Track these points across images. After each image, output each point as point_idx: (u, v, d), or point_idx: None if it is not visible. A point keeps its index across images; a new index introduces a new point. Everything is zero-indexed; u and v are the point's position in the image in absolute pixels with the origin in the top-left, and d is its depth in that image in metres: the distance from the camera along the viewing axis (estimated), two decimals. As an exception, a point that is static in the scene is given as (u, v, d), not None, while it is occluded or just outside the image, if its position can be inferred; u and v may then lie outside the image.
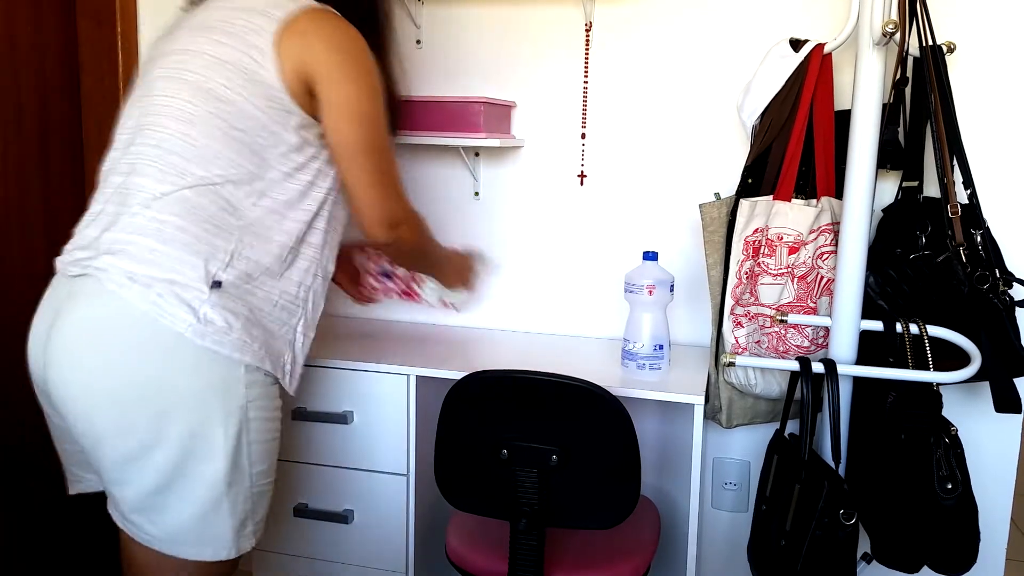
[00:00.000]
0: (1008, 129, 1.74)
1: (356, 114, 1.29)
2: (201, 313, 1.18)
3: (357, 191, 1.33)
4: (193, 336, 1.17)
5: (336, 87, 1.27)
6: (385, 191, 1.35)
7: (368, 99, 1.30)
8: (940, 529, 1.51)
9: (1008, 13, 1.70)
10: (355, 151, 1.30)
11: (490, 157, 2.05)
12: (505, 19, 1.99)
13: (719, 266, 1.75)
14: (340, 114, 1.28)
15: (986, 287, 1.50)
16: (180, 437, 1.18)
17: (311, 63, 1.26)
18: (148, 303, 1.16)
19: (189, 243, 1.20)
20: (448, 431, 1.49)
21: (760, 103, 1.70)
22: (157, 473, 1.18)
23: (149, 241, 1.19)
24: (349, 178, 1.33)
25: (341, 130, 1.29)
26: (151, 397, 1.16)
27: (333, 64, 1.26)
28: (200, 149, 1.22)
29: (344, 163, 1.32)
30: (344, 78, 1.27)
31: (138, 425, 1.17)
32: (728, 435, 1.99)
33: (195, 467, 1.20)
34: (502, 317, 2.10)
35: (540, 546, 1.47)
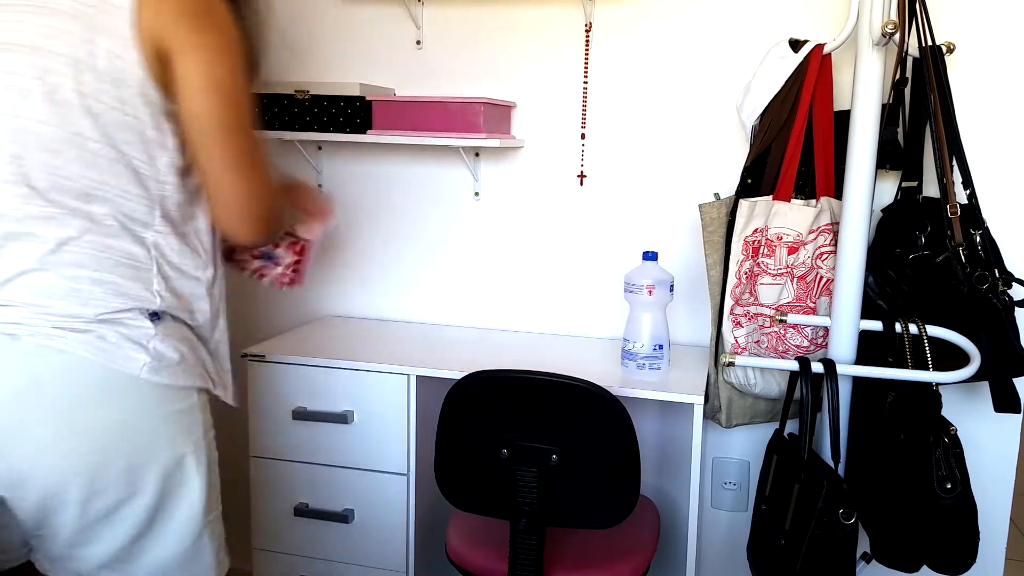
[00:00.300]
0: (1008, 129, 1.74)
1: (214, 86, 1.09)
2: (151, 348, 1.09)
3: (215, 176, 1.12)
4: (149, 375, 1.08)
5: (192, 57, 1.07)
6: (249, 176, 1.14)
7: (229, 69, 1.10)
8: (939, 529, 1.51)
9: (1008, 13, 1.71)
10: (212, 129, 1.10)
11: (490, 157, 2.05)
12: (505, 19, 1.99)
13: (719, 266, 1.75)
14: (196, 87, 1.08)
15: (985, 287, 1.51)
16: (156, 481, 1.11)
17: (164, 34, 1.06)
18: (93, 349, 1.05)
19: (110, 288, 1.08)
20: (448, 431, 1.49)
21: (760, 103, 1.70)
22: (134, 523, 1.11)
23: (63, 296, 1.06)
24: (204, 161, 1.12)
25: (196, 103, 1.09)
26: (120, 452, 1.07)
27: (186, 30, 1.06)
28: (76, 182, 1.06)
29: (197, 143, 1.11)
30: (201, 46, 1.07)
31: (110, 486, 1.07)
32: (728, 435, 2.00)
33: (175, 505, 1.13)
34: (502, 317, 2.10)
35: (540, 546, 1.48)
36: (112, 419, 1.07)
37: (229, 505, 2.33)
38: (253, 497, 1.84)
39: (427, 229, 2.11)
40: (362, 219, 2.15)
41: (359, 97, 1.87)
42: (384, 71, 2.08)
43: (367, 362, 1.74)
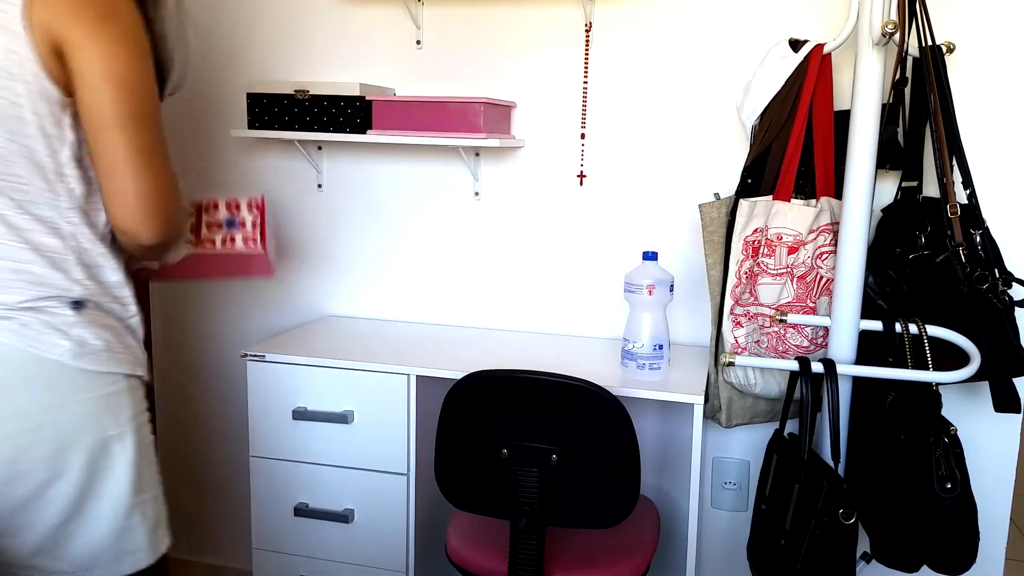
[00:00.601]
0: (1008, 129, 1.74)
1: (112, 78, 1.07)
2: (74, 335, 1.11)
3: (114, 171, 1.09)
4: (72, 361, 1.10)
5: (87, 50, 1.06)
6: (152, 170, 1.11)
7: (126, 61, 1.08)
8: (939, 529, 1.51)
9: (1008, 13, 1.71)
10: (110, 121, 1.08)
11: (490, 157, 2.05)
12: (505, 19, 1.99)
13: (719, 266, 1.76)
14: (93, 79, 1.07)
15: (985, 287, 1.51)
16: (81, 465, 1.12)
17: (59, 28, 1.06)
18: (16, 335, 1.07)
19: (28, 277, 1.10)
20: (448, 431, 1.49)
21: (760, 103, 1.70)
22: (60, 507, 1.11)
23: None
24: (101, 157, 1.10)
25: (96, 99, 1.08)
26: (43, 436, 1.08)
27: (82, 22, 1.06)
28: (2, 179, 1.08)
29: (94, 136, 1.09)
30: (97, 38, 1.07)
31: (33, 469, 1.08)
32: (728, 435, 2.00)
33: (100, 487, 1.14)
34: (502, 317, 2.10)
35: (540, 546, 1.48)
36: (35, 403, 1.08)
37: (229, 505, 2.34)
38: (253, 497, 1.84)
39: (427, 229, 2.12)
40: (362, 219, 2.15)
41: (359, 97, 1.87)
42: (384, 71, 2.08)
43: (367, 362, 1.74)
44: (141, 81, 1.11)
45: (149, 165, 1.11)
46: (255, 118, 1.94)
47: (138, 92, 1.10)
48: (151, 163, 1.11)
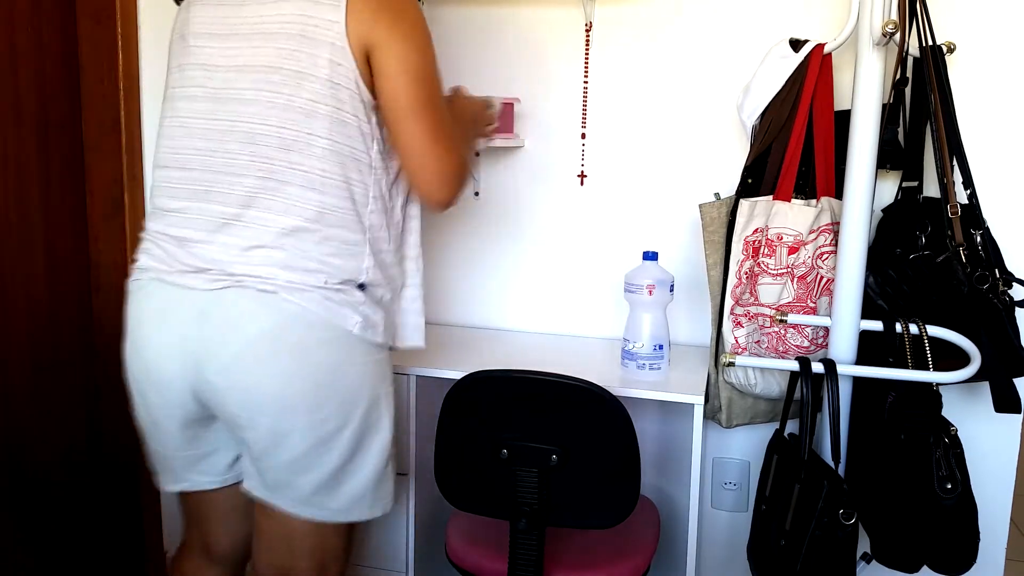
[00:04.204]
0: (1008, 129, 1.74)
1: (408, 71, 1.25)
2: (362, 312, 1.30)
3: (417, 150, 1.28)
4: (361, 332, 1.29)
5: (387, 48, 1.24)
6: (447, 146, 1.29)
7: (419, 54, 1.26)
8: (940, 529, 1.51)
9: (1008, 13, 1.71)
10: (408, 109, 1.26)
11: (490, 157, 2.05)
12: (505, 19, 1.99)
13: (719, 266, 1.75)
14: (397, 76, 1.25)
15: (986, 287, 1.51)
16: (362, 416, 1.31)
17: (366, 35, 1.23)
18: (322, 307, 1.25)
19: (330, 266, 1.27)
20: (448, 431, 1.49)
21: (760, 103, 1.70)
22: (343, 451, 1.30)
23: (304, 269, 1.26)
24: (402, 141, 1.28)
25: (397, 91, 1.25)
26: (338, 388, 1.28)
27: (386, 27, 1.23)
28: (311, 175, 1.24)
29: (396, 124, 1.27)
30: (398, 39, 1.24)
31: (330, 415, 1.27)
32: (728, 435, 1.99)
33: (371, 439, 1.33)
34: (502, 317, 2.10)
35: (540, 546, 1.47)
36: (333, 359, 1.27)
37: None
38: (253, 497, 1.83)
39: (427, 228, 2.11)
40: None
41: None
42: (384, 71, 2.08)
43: (367, 362, 1.73)
44: (430, 70, 1.28)
45: (442, 143, 1.28)
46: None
47: (428, 80, 1.27)
48: (443, 141, 1.29)
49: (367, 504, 1.35)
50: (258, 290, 1.24)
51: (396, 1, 1.26)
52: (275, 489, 1.31)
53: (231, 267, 1.25)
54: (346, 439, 1.30)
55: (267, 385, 1.24)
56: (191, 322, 1.25)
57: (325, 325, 1.26)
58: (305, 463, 1.28)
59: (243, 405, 1.25)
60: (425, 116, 1.27)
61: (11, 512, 1.91)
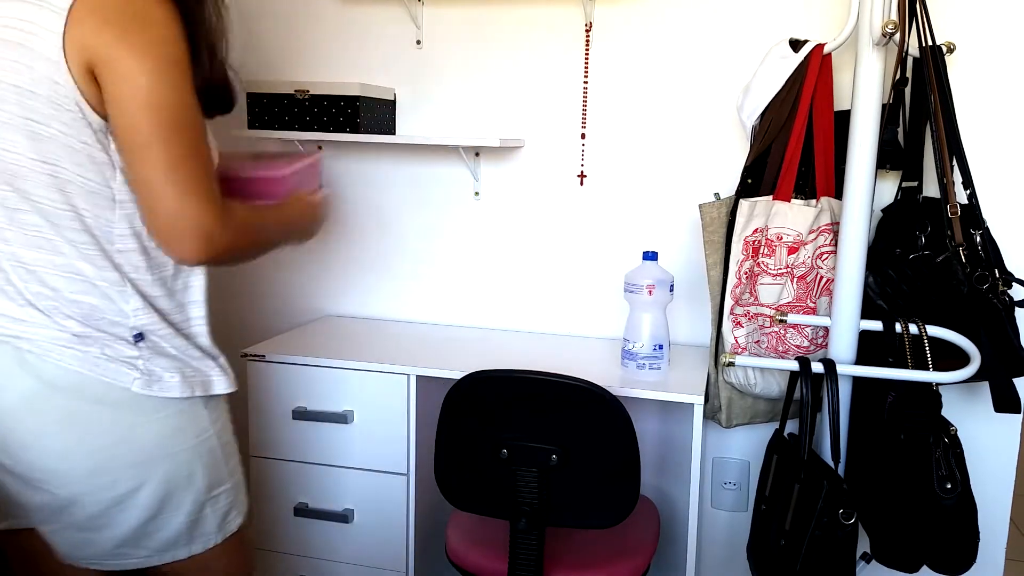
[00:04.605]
0: (1008, 129, 1.74)
1: (145, 99, 1.03)
2: (141, 367, 1.14)
3: (149, 194, 1.05)
4: (141, 390, 1.14)
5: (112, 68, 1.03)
6: (189, 191, 1.05)
7: (161, 80, 1.04)
8: (939, 529, 1.51)
9: (1008, 13, 1.71)
10: (139, 139, 1.04)
11: (490, 157, 2.05)
12: (505, 19, 1.99)
13: (719, 266, 1.75)
14: (124, 101, 1.03)
15: (985, 287, 1.50)
16: (163, 476, 1.18)
17: (92, 46, 1.03)
18: (87, 367, 1.11)
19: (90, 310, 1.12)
20: (448, 431, 1.49)
21: (760, 103, 1.70)
22: (144, 510, 1.18)
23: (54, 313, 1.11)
24: (133, 175, 1.07)
25: (126, 120, 1.04)
26: (127, 449, 1.14)
27: (112, 39, 1.02)
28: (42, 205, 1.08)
29: (126, 156, 1.06)
30: (126, 56, 1.02)
31: (120, 477, 1.15)
32: (728, 435, 2.00)
33: (179, 494, 1.20)
34: (502, 317, 2.10)
35: (540, 546, 1.48)
36: (114, 421, 1.13)
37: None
38: (253, 497, 1.84)
39: (427, 229, 2.11)
40: (362, 219, 2.15)
41: (359, 97, 1.87)
42: (384, 71, 2.08)
43: (367, 362, 1.74)
44: (172, 95, 1.05)
45: (181, 182, 1.05)
46: (255, 118, 1.94)
47: (168, 108, 1.05)
48: (184, 180, 1.05)
49: (182, 545, 1.23)
50: (14, 347, 1.10)
51: (132, 9, 1.03)
52: (75, 546, 1.19)
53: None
54: (144, 500, 1.17)
55: (44, 456, 1.11)
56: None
57: (97, 387, 1.11)
58: (102, 520, 1.16)
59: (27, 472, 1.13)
60: (162, 149, 1.04)
61: None
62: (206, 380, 1.22)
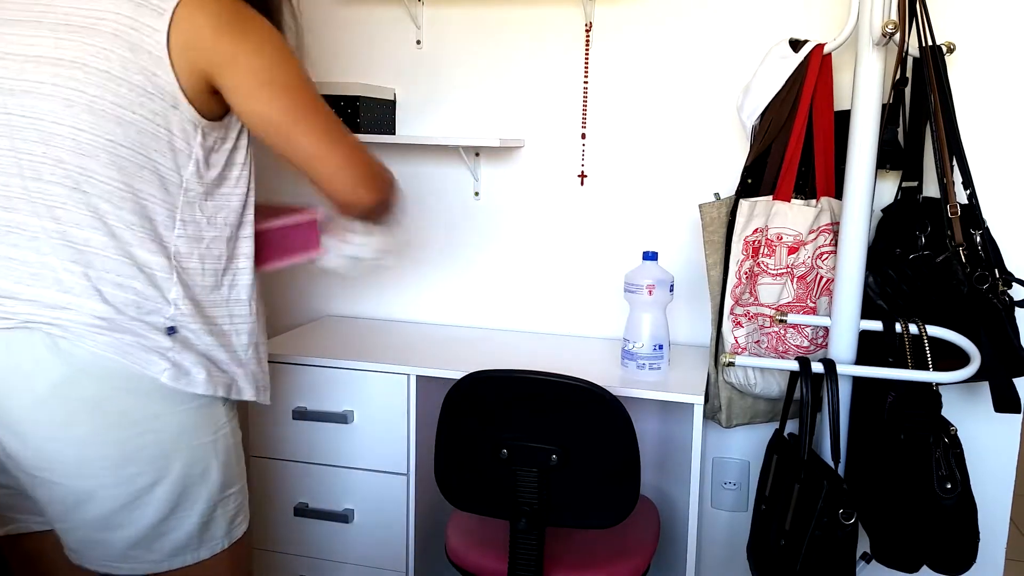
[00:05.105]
0: (1008, 129, 1.74)
1: (266, 83, 1.13)
2: (171, 358, 1.16)
3: (310, 160, 1.17)
4: (172, 382, 1.15)
5: (236, 66, 1.12)
6: (341, 148, 1.19)
7: (274, 63, 1.14)
8: (939, 529, 1.51)
9: (1008, 13, 1.71)
10: (282, 124, 1.15)
11: (490, 157, 2.05)
12: (505, 19, 1.99)
13: (719, 266, 1.75)
14: (252, 93, 1.13)
15: (985, 287, 1.50)
16: (181, 470, 1.19)
17: (204, 52, 1.10)
18: (120, 353, 1.12)
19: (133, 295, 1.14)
20: (448, 431, 1.49)
21: (760, 103, 1.70)
22: (158, 508, 1.19)
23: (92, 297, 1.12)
24: (295, 157, 1.18)
25: (263, 105, 1.14)
26: (147, 442, 1.16)
27: (226, 43, 1.11)
28: (107, 185, 1.11)
29: (276, 142, 1.16)
30: (242, 52, 1.11)
31: (142, 471, 1.16)
32: (728, 435, 2.00)
33: (194, 491, 1.21)
34: (502, 317, 2.10)
35: (540, 546, 1.48)
36: (139, 411, 1.15)
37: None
38: (253, 497, 1.84)
39: (427, 229, 2.12)
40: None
41: (359, 97, 1.87)
42: (384, 71, 2.08)
43: (367, 362, 1.74)
44: (293, 76, 1.16)
45: (336, 143, 1.18)
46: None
47: (293, 86, 1.15)
48: (336, 141, 1.18)
49: (191, 550, 1.24)
50: (46, 333, 1.10)
51: (237, 16, 1.12)
52: (86, 546, 1.19)
53: (18, 300, 1.11)
54: (161, 495, 1.18)
55: (64, 446, 1.12)
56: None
57: (126, 374, 1.12)
58: (116, 520, 1.17)
59: (41, 467, 1.14)
60: (308, 124, 1.16)
61: None
62: (230, 383, 1.24)
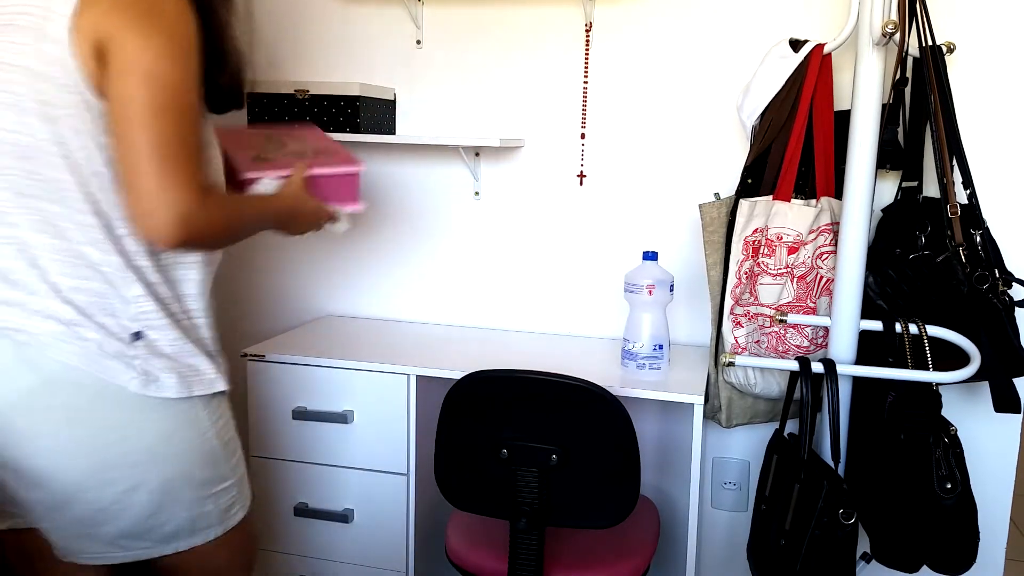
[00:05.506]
0: (1008, 129, 1.74)
1: (140, 69, 1.04)
2: (137, 366, 1.13)
3: (131, 170, 1.05)
4: (139, 390, 1.13)
5: (121, 44, 1.04)
6: (172, 171, 1.05)
7: (164, 58, 1.05)
8: (939, 529, 1.51)
9: (1008, 13, 1.71)
10: (134, 112, 1.04)
11: (490, 157, 2.05)
12: (505, 19, 1.99)
13: (719, 266, 1.75)
14: (124, 75, 1.04)
15: (985, 287, 1.50)
16: (160, 475, 1.17)
17: (101, 29, 1.04)
18: (86, 362, 1.10)
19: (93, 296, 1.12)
20: (448, 431, 1.49)
21: (760, 103, 1.70)
22: (144, 508, 1.17)
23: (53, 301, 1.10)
24: (122, 149, 1.06)
25: (122, 93, 1.04)
26: (127, 448, 1.14)
27: (122, 21, 1.04)
28: (50, 187, 1.09)
29: (118, 128, 1.05)
30: (135, 34, 1.04)
31: (121, 476, 1.14)
32: (728, 435, 2.00)
33: (178, 493, 1.19)
34: (502, 317, 2.10)
35: (540, 545, 1.48)
36: (113, 419, 1.12)
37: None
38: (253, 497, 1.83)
39: (427, 229, 2.12)
40: (362, 219, 2.15)
41: (359, 97, 1.87)
42: (384, 71, 2.08)
43: (367, 362, 1.73)
44: (173, 75, 1.06)
45: (166, 161, 1.05)
46: (255, 117, 1.94)
47: (165, 85, 1.05)
48: (169, 159, 1.05)
49: (185, 535, 1.22)
50: (15, 341, 1.09)
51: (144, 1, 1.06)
52: (73, 541, 1.18)
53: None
54: (144, 498, 1.16)
55: (34, 457, 1.11)
56: None
57: (95, 384, 1.10)
58: (99, 519, 1.16)
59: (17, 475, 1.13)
60: (152, 126, 1.04)
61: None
62: (203, 379, 1.21)
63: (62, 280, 1.10)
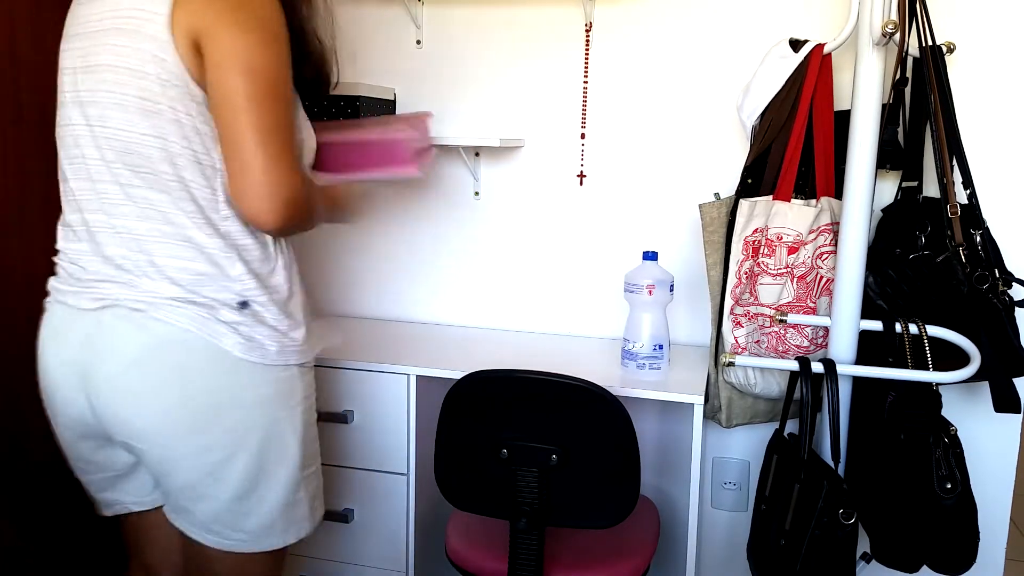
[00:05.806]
0: (1008, 129, 1.74)
1: (239, 62, 1.11)
2: (243, 332, 1.20)
3: (239, 156, 1.12)
4: (243, 354, 1.20)
5: (217, 38, 1.11)
6: (272, 153, 1.13)
7: (260, 50, 1.12)
8: (939, 529, 1.51)
9: (1008, 13, 1.71)
10: (235, 103, 1.11)
11: (490, 157, 2.05)
12: (505, 19, 1.99)
13: (719, 266, 1.75)
14: (224, 67, 1.11)
15: (985, 287, 1.51)
16: (258, 443, 1.22)
17: (196, 24, 1.11)
18: (196, 325, 1.17)
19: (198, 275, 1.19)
20: (448, 431, 1.49)
21: (760, 103, 1.70)
22: (237, 482, 1.22)
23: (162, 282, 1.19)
24: (226, 138, 1.13)
25: (224, 84, 1.11)
26: (223, 415, 1.20)
27: (216, 15, 1.11)
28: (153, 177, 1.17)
29: (221, 118, 1.13)
30: (229, 27, 1.11)
31: (219, 442, 1.20)
32: (728, 435, 2.00)
33: (274, 467, 1.25)
34: (502, 317, 2.10)
35: (540, 545, 1.48)
36: (217, 383, 1.19)
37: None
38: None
39: (427, 229, 2.12)
40: (362, 219, 2.15)
41: (359, 97, 1.87)
42: (384, 71, 2.08)
43: (367, 362, 1.74)
44: (270, 66, 1.13)
45: (273, 151, 1.13)
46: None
47: (265, 76, 1.12)
48: (275, 150, 1.13)
49: (277, 532, 1.28)
50: (130, 309, 1.18)
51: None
52: (177, 512, 1.27)
53: (106, 283, 1.20)
54: (239, 470, 1.22)
55: (145, 413, 1.18)
56: (77, 346, 1.20)
57: (203, 346, 1.18)
58: (198, 491, 1.22)
59: (126, 433, 1.20)
60: (255, 114, 1.12)
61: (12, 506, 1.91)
62: (300, 349, 1.28)
63: (169, 262, 1.18)
